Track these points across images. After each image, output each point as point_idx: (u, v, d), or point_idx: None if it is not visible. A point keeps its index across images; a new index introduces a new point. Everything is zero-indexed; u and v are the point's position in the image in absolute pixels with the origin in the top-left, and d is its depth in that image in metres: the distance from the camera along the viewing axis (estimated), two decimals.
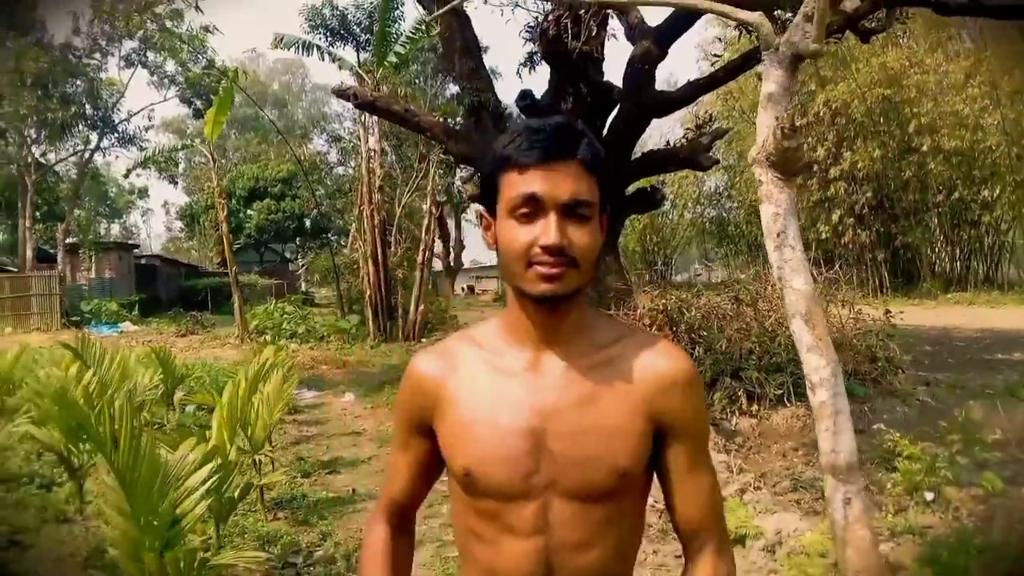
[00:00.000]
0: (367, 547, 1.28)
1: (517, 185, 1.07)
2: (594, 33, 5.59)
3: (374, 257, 15.69)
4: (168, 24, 22.19)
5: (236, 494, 3.38)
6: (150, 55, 26.09)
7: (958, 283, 22.91)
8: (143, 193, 39.76)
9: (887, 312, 6.65)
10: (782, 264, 2.42)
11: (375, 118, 15.05)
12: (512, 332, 1.16)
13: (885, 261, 23.74)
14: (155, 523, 2.46)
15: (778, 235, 2.41)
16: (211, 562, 2.43)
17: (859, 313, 7.07)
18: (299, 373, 8.19)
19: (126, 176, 23.32)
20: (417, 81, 21.33)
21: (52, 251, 27.47)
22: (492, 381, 1.14)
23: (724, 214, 34.75)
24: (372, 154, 15.68)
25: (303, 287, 38.42)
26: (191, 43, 21.56)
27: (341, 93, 7.44)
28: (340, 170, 34.84)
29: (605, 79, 6.47)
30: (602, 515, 1.11)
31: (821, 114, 21.70)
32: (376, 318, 15.36)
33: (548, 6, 6.03)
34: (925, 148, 20.70)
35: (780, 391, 5.64)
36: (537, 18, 6.18)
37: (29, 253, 23.31)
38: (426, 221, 16.27)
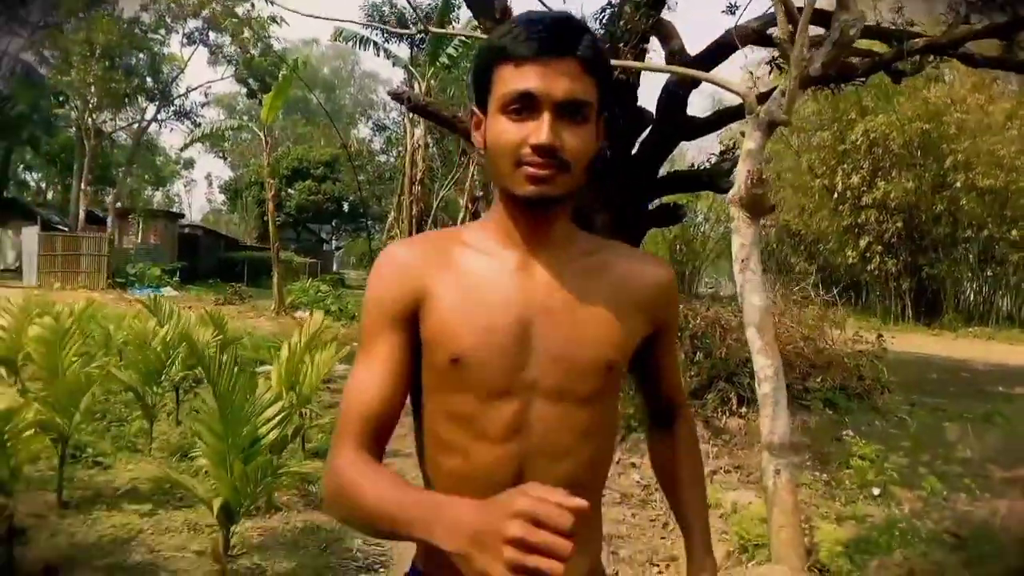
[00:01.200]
0: (344, 469, 1.01)
1: (510, 80, 1.03)
2: (635, 44, 6.23)
3: None
4: (234, 6, 23.19)
5: (289, 432, 4.08)
6: (211, 35, 27.22)
7: (981, 318, 23.07)
8: (189, 164, 41.16)
9: (879, 336, 7.19)
10: (743, 283, 3.04)
11: None
12: (499, 234, 1.13)
13: (910, 291, 23.96)
14: (240, 442, 3.17)
15: (742, 261, 3.04)
16: (282, 470, 3.13)
17: (856, 335, 7.63)
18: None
19: (182, 149, 24.38)
20: (466, 78, 22.03)
21: (101, 214, 28.73)
22: (480, 276, 1.10)
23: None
24: (416, 147, 16.42)
25: (335, 267, 39.45)
26: (254, 27, 22.45)
27: (396, 96, 8.14)
28: (382, 158, 35.78)
29: (639, 103, 7.09)
30: (580, 420, 1.09)
31: (859, 142, 22.08)
32: None
33: None
34: (959, 184, 20.95)
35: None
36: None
37: (82, 214, 24.46)
38: (461, 215, 16.99)
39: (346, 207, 38.59)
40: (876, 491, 4.40)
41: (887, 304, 24.72)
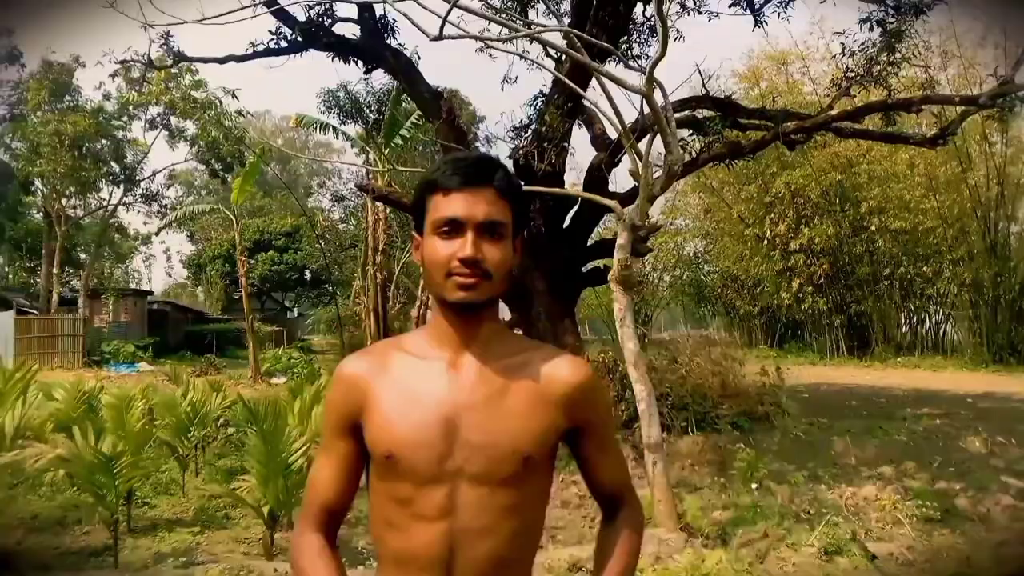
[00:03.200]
0: (303, 552, 1.30)
1: (440, 207, 1.23)
2: (553, 160, 7.78)
3: (375, 311, 17.71)
4: (189, 92, 24.59)
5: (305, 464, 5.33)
6: (172, 119, 28.49)
7: (908, 349, 24.95)
8: (147, 240, 41.91)
9: (777, 368, 8.70)
10: (621, 335, 4.47)
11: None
12: (434, 337, 1.30)
13: (841, 326, 25.88)
14: (277, 466, 4.44)
15: (620, 319, 4.46)
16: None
17: (762, 369, 9.14)
18: None
19: (157, 233, 25.39)
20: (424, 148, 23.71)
21: (69, 295, 29.37)
22: (414, 379, 1.27)
23: (702, 277, 36.86)
24: (377, 220, 17.83)
25: (300, 335, 40.26)
26: (217, 116, 23.84)
27: (362, 188, 9.57)
28: (341, 226, 37.15)
29: (565, 186, 8.65)
30: (505, 501, 1.23)
31: (781, 193, 24.22)
32: None
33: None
34: (874, 227, 23.06)
35: (684, 424, 7.64)
36: (512, 147, 8.38)
37: (55, 297, 25.20)
38: (422, 280, 18.32)
39: (308, 275, 39.67)
40: (755, 486, 5.79)
41: (823, 340, 26.64)
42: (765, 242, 25.47)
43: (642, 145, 4.56)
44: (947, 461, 6.96)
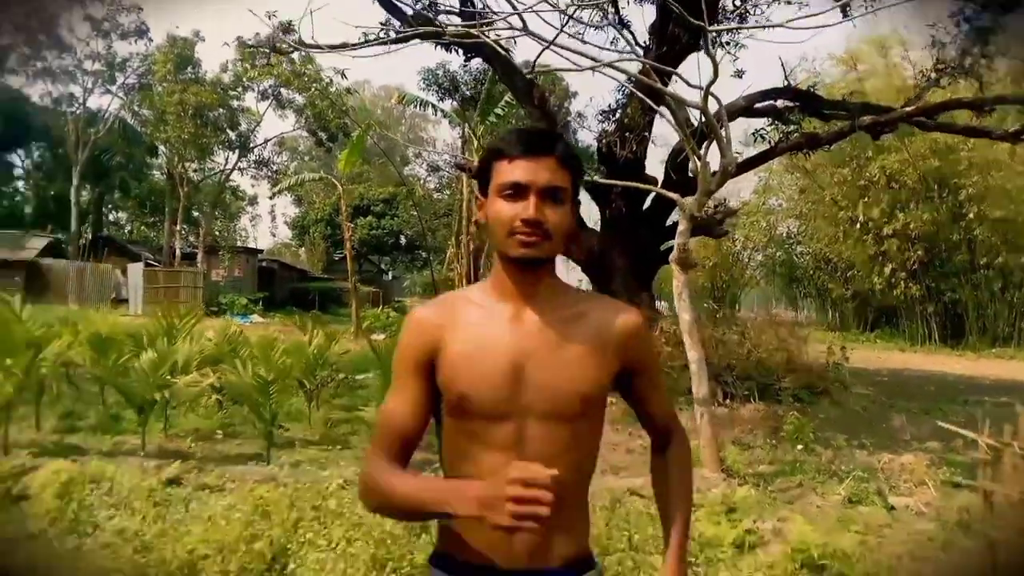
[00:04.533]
0: (376, 470, 1.40)
1: (505, 172, 1.37)
2: (634, 148, 8.51)
3: (467, 276, 18.86)
4: (301, 67, 26.22)
5: None
6: (282, 91, 30.34)
7: (1004, 340, 24.32)
8: (253, 201, 44.62)
9: (842, 348, 9.25)
10: (680, 309, 5.24)
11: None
12: (497, 290, 1.45)
13: (935, 314, 25.42)
14: None
15: (679, 295, 5.24)
16: None
17: (830, 348, 9.69)
18: None
19: (271, 198, 27.37)
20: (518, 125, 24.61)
21: (188, 251, 32.03)
22: (482, 327, 1.42)
23: (795, 258, 36.39)
24: (471, 194, 18.88)
25: (394, 296, 42.22)
26: (320, 85, 25.39)
27: (459, 166, 10.54)
28: (436, 196, 38.68)
29: (646, 173, 9.37)
30: (566, 435, 1.39)
31: (876, 178, 23.88)
32: None
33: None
34: (972, 216, 22.50)
35: (747, 392, 8.36)
36: (598, 133, 9.17)
37: (178, 252, 27.64)
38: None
39: (403, 240, 41.42)
40: (800, 447, 6.51)
41: (915, 327, 26.20)
42: (858, 225, 25.17)
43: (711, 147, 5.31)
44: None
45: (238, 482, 4.51)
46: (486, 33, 5.35)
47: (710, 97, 4.84)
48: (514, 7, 5.19)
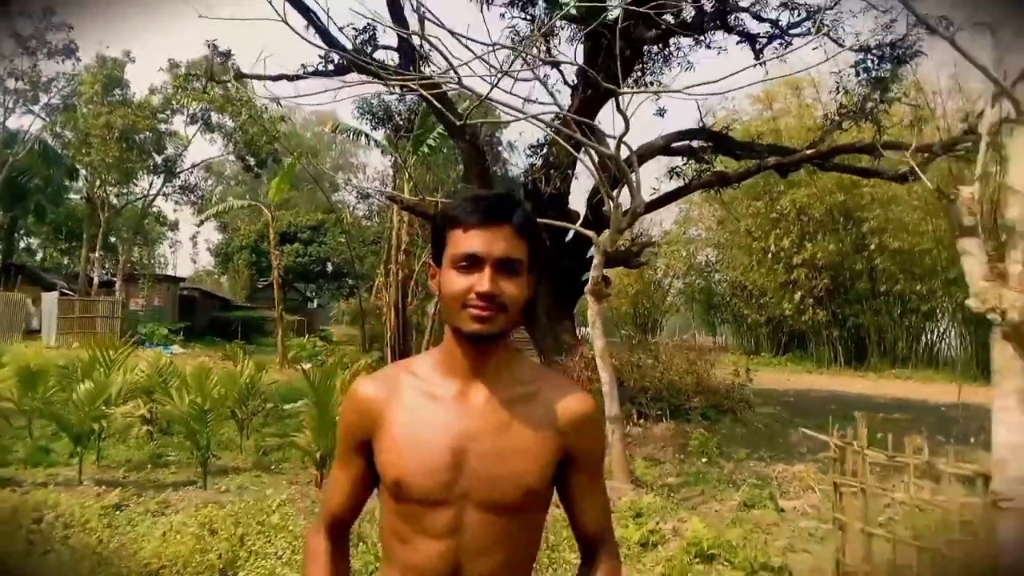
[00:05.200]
0: (309, 554, 1.48)
1: (460, 242, 1.30)
2: (558, 184, 9.13)
3: (395, 305, 19.12)
4: (236, 94, 26.10)
5: None
6: (212, 115, 30.05)
7: (902, 361, 26.04)
8: (174, 226, 43.69)
9: (747, 370, 10.00)
10: (593, 336, 5.80)
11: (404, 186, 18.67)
12: (445, 364, 1.38)
13: (840, 338, 27.07)
14: (327, 422, 5.82)
15: (593, 323, 5.79)
16: None
17: (735, 370, 10.43)
18: None
19: (199, 224, 26.94)
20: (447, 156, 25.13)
21: (106, 278, 31.11)
22: (424, 405, 1.35)
23: (713, 286, 37.90)
24: (402, 221, 19.21)
25: (319, 325, 41.84)
26: (253, 113, 25.33)
27: (391, 198, 10.94)
28: (366, 223, 38.71)
29: (569, 207, 10.01)
30: (507, 526, 1.33)
31: (787, 209, 25.41)
32: (394, 355, 18.71)
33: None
34: (874, 246, 24.18)
35: (659, 412, 8.97)
36: (525, 169, 9.76)
37: (96, 279, 26.87)
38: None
39: (330, 268, 41.21)
40: (704, 460, 7.11)
41: (823, 350, 27.80)
42: (770, 255, 26.67)
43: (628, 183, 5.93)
44: None
45: (182, 505, 4.75)
46: (421, 85, 5.79)
47: (622, 146, 5.45)
48: (449, 63, 5.66)
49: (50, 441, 7.39)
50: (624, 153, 5.58)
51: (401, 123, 20.21)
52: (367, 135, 19.07)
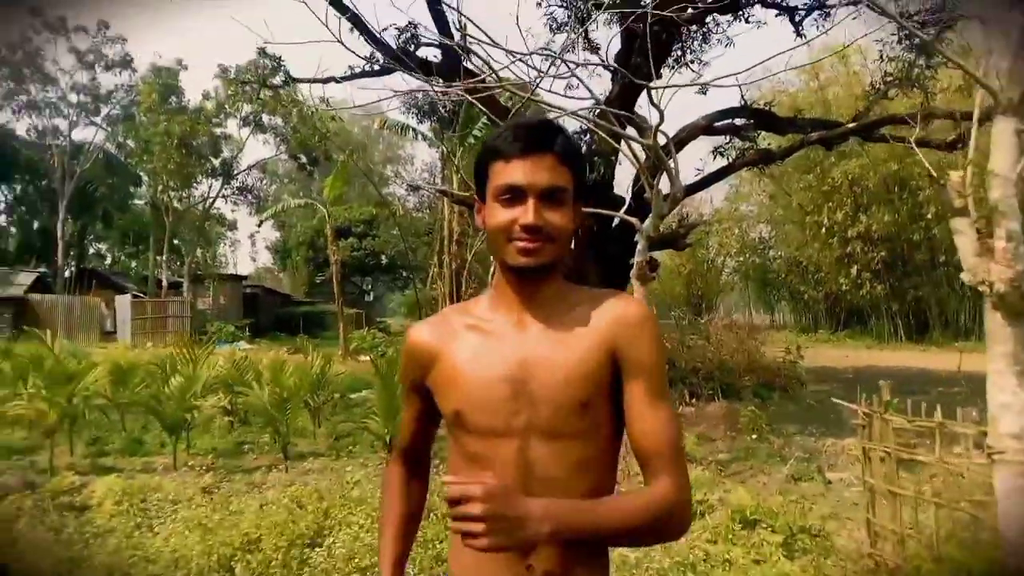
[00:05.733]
0: (384, 484, 1.59)
1: (501, 174, 1.27)
2: (602, 171, 9.38)
3: (450, 295, 19.60)
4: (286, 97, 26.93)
5: None
6: (264, 117, 31.03)
7: (966, 333, 25.44)
8: (232, 226, 45.16)
9: (798, 348, 10.13)
10: None
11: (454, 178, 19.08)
12: (498, 300, 1.37)
13: (900, 312, 26.57)
14: (394, 406, 6.26)
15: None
16: None
17: (786, 349, 10.58)
18: None
19: (259, 224, 28.04)
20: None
21: (173, 279, 32.51)
22: (479, 341, 1.34)
23: (768, 263, 37.44)
24: (452, 213, 19.66)
25: (377, 317, 42.82)
26: (303, 114, 26.09)
27: (442, 192, 11.34)
28: (417, 214, 39.42)
29: (614, 192, 10.27)
30: (575, 456, 1.26)
31: (839, 182, 25.02)
32: None
33: None
34: (930, 216, 23.66)
35: (711, 392, 9.21)
36: None
37: (165, 281, 28.15)
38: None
39: (384, 261, 42.10)
40: (754, 436, 7.35)
41: (882, 325, 27.31)
42: (824, 229, 26.29)
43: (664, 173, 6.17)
44: None
45: (269, 485, 5.26)
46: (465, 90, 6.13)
47: (659, 135, 5.71)
48: (491, 67, 6.00)
49: (142, 433, 8.05)
50: (661, 141, 5.82)
51: (446, 115, 20.59)
52: (414, 129, 19.49)
